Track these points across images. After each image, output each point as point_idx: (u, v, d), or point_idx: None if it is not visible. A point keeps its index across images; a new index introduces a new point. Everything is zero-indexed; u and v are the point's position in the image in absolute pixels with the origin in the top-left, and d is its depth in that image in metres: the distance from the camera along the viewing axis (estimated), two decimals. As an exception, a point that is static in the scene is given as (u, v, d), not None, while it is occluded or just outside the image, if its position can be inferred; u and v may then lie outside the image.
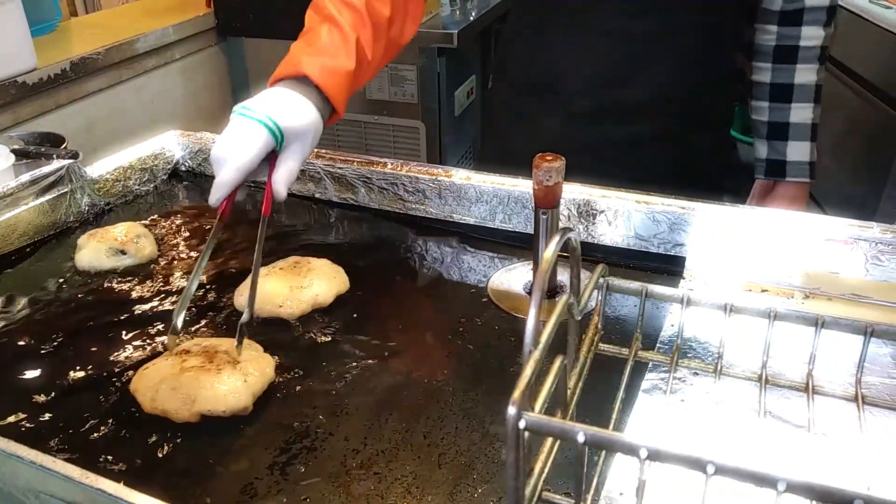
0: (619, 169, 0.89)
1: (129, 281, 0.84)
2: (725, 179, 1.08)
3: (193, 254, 0.89)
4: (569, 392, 0.33)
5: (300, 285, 0.76)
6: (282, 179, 0.72)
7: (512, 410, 0.25)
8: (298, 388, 0.67)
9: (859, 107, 1.82)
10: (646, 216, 0.83)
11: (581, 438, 0.25)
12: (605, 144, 0.96)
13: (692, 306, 0.37)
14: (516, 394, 0.26)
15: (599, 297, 0.39)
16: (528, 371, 0.27)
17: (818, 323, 0.36)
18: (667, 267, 0.83)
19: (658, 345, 0.71)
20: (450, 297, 0.82)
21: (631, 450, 0.24)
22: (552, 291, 0.80)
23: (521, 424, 0.25)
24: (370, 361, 0.71)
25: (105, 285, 0.83)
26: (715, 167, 1.06)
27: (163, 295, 0.81)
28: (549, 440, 0.32)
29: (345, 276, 0.80)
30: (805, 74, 0.94)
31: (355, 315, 0.78)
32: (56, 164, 0.93)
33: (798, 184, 0.98)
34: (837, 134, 1.95)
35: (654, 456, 0.23)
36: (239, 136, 0.70)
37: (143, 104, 1.78)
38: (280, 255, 0.83)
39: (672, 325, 0.74)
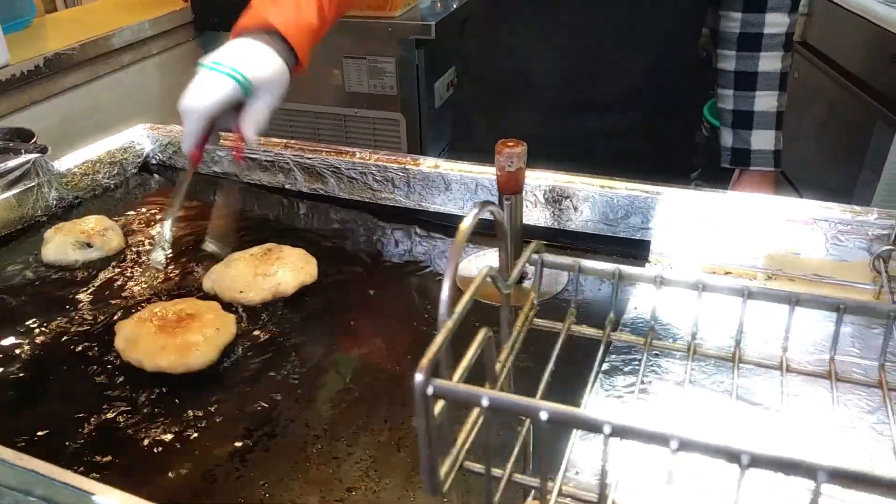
0: (591, 162, 0.89)
1: (94, 271, 0.83)
2: (699, 165, 1.09)
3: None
4: (498, 366, 0.34)
5: (264, 273, 0.76)
6: (249, 123, 0.75)
7: (419, 377, 0.26)
8: (261, 375, 0.67)
9: (837, 94, 1.83)
10: (610, 201, 0.83)
11: (485, 402, 0.25)
12: (575, 138, 0.96)
13: (664, 287, 0.37)
14: (424, 361, 0.26)
15: (535, 273, 0.40)
16: (438, 339, 0.27)
17: (792, 301, 0.36)
18: (633, 251, 0.83)
19: (621, 327, 0.71)
20: (417, 285, 0.82)
21: (530, 412, 0.24)
22: (520, 278, 0.80)
23: (429, 391, 0.26)
24: (334, 349, 0.71)
25: (69, 276, 0.83)
26: (686, 154, 1.07)
27: (129, 281, 0.81)
28: (475, 413, 0.32)
29: (314, 266, 0.80)
30: (769, 62, 0.94)
31: (320, 303, 0.78)
32: (22, 158, 0.92)
33: (763, 172, 0.98)
34: (815, 121, 1.96)
35: (555, 419, 0.24)
36: (204, 86, 0.74)
37: (120, 100, 1.77)
38: (249, 245, 0.83)
39: (635, 308, 0.75)
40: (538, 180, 0.85)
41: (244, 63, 0.74)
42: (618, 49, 0.92)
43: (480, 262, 0.86)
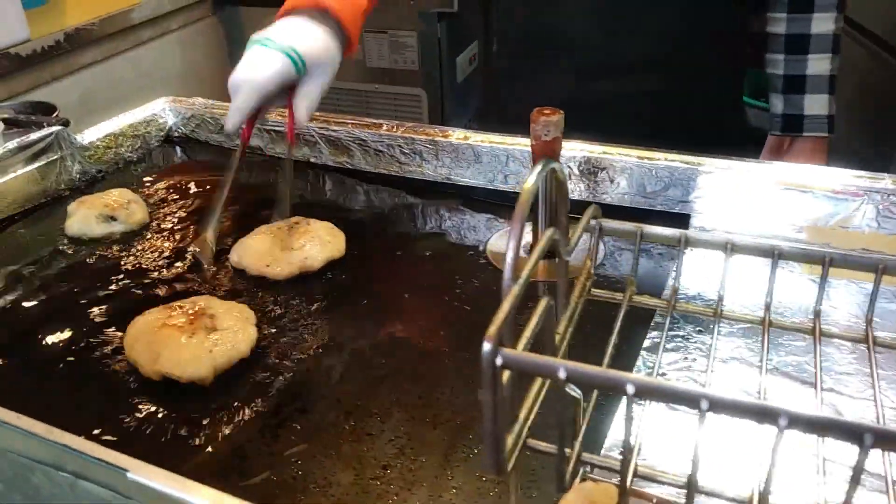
0: (625, 126, 0.86)
1: (119, 246, 0.82)
2: (734, 138, 1.05)
3: (185, 219, 0.87)
4: (557, 337, 0.31)
5: (291, 247, 0.74)
6: (303, 103, 0.73)
7: (487, 346, 0.23)
8: (290, 351, 0.66)
9: (871, 65, 1.76)
10: (648, 172, 0.80)
11: (562, 374, 0.22)
12: (610, 101, 0.94)
13: (691, 248, 0.35)
14: (492, 329, 0.24)
15: (592, 240, 0.37)
16: (505, 306, 0.25)
17: (826, 261, 0.33)
18: (672, 225, 0.80)
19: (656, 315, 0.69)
20: (447, 260, 0.80)
21: (617, 385, 0.22)
22: (553, 252, 0.78)
23: (498, 361, 0.23)
24: (363, 323, 0.69)
25: (95, 251, 0.81)
26: (723, 123, 1.03)
27: (153, 259, 0.79)
28: (535, 386, 0.30)
29: (342, 240, 0.78)
30: (823, 23, 0.90)
31: (348, 278, 0.76)
32: (45, 131, 0.91)
33: (816, 138, 0.94)
34: (848, 93, 1.89)
35: (642, 391, 0.21)
36: (257, 62, 0.72)
37: (140, 76, 1.76)
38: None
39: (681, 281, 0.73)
40: (572, 151, 0.82)
41: (299, 42, 0.73)
42: (653, 9, 0.89)
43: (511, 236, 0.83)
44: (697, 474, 0.24)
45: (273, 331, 0.68)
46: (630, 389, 0.21)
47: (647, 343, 0.61)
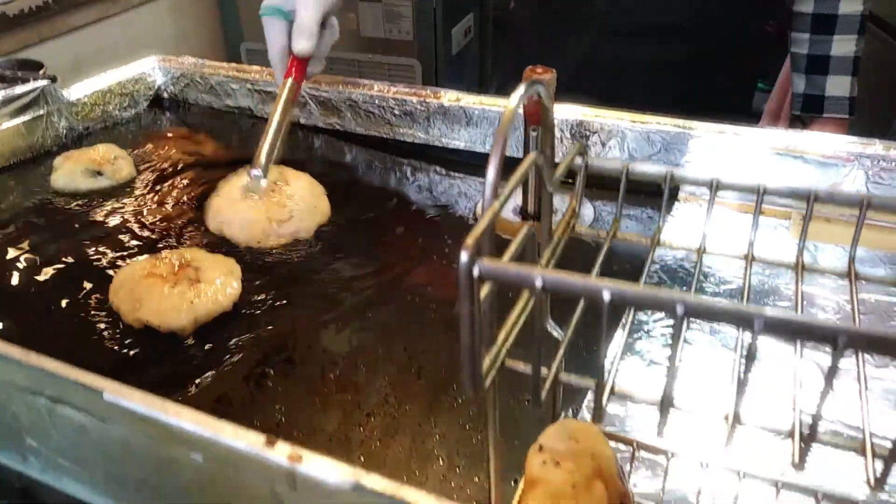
0: (642, 93, 0.85)
1: (104, 201, 0.81)
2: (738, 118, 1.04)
3: (172, 175, 0.86)
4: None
5: (280, 218, 0.73)
6: (296, 37, 0.76)
7: (464, 256, 0.23)
8: (276, 304, 0.65)
9: (874, 46, 1.75)
10: (640, 136, 0.79)
11: (539, 283, 0.22)
12: (625, 67, 0.93)
13: (676, 183, 0.34)
14: (469, 239, 0.24)
15: (579, 177, 0.37)
16: (484, 220, 0.25)
17: (810, 198, 0.33)
18: (663, 189, 0.80)
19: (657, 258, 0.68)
20: (437, 223, 0.79)
21: (593, 293, 0.21)
22: (528, 215, 0.77)
23: (475, 272, 0.23)
24: (349, 281, 0.69)
25: (81, 205, 0.80)
26: (735, 97, 1.02)
27: (139, 213, 0.79)
28: (516, 311, 0.29)
29: (326, 203, 0.78)
30: (851, 4, 0.89)
31: (337, 238, 0.75)
32: (31, 85, 0.90)
33: (836, 120, 0.94)
34: (865, 86, 1.89)
35: (619, 299, 0.21)
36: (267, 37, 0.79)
37: (131, 41, 1.73)
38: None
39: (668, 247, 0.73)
40: (564, 114, 0.81)
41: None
42: None
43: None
44: (673, 389, 0.23)
45: (258, 283, 0.68)
46: (606, 296, 0.21)
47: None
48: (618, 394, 0.25)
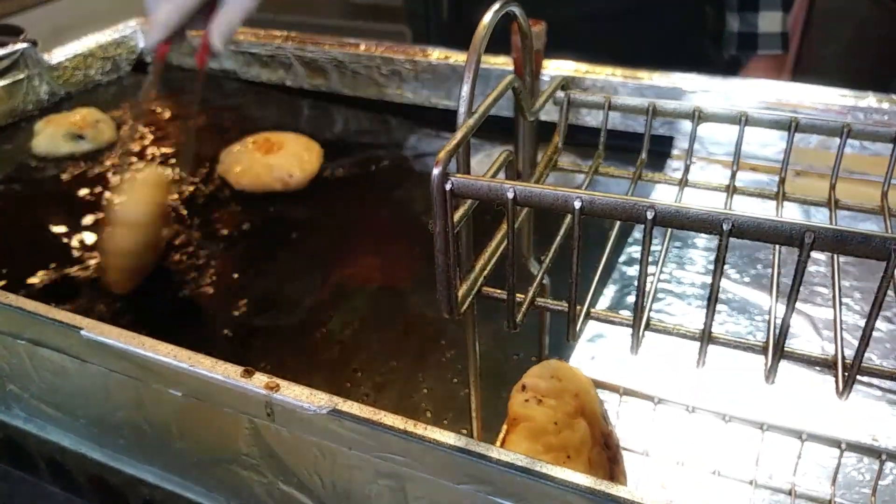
0: (598, 45, 0.84)
1: (86, 164, 0.80)
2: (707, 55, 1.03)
3: (154, 138, 0.85)
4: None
5: (269, 163, 0.73)
6: (218, 28, 0.64)
7: (436, 171, 0.22)
8: (265, 264, 0.65)
9: (867, 13, 1.73)
10: (634, 92, 0.78)
11: (511, 195, 0.22)
12: (583, 19, 0.91)
13: (659, 116, 0.34)
14: (441, 154, 0.23)
15: (561, 112, 0.36)
16: (458, 135, 0.24)
17: (791, 126, 0.32)
18: (656, 148, 0.79)
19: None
20: (426, 183, 0.78)
21: (565, 203, 0.21)
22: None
23: (447, 186, 0.23)
24: (337, 240, 0.68)
25: (62, 168, 0.79)
26: (695, 42, 1.01)
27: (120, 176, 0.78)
28: (496, 240, 0.29)
29: (317, 154, 0.77)
30: None
31: (326, 199, 0.75)
32: (10, 48, 0.88)
33: (772, 57, 0.94)
34: (843, 43, 1.87)
35: (589, 206, 0.21)
36: None
37: (114, 10, 1.70)
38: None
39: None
40: (556, 70, 0.80)
41: None
42: None
43: (491, 160, 0.82)
44: (645, 302, 0.23)
45: (246, 244, 0.67)
46: (577, 204, 0.21)
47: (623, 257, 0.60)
48: (592, 315, 0.25)
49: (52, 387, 0.35)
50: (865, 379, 0.30)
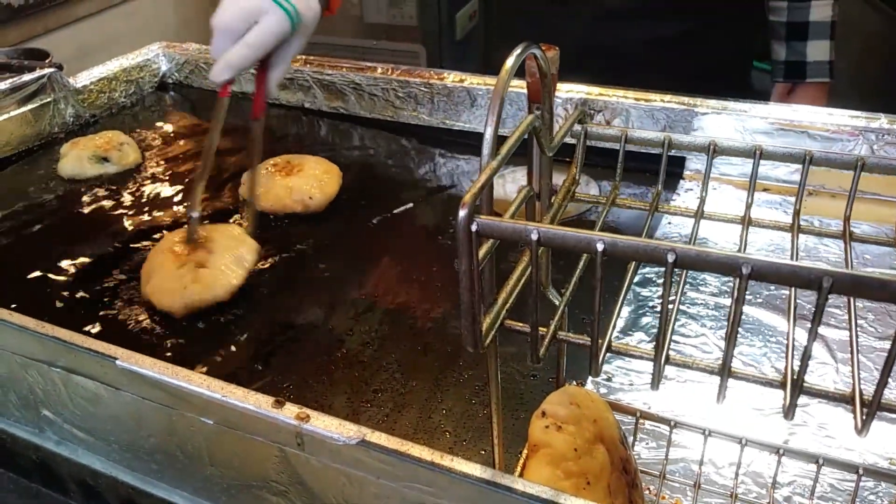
0: (642, 72, 0.85)
1: (111, 186, 0.82)
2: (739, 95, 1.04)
3: (178, 160, 0.87)
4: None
5: (289, 185, 0.74)
6: (279, 75, 0.67)
7: (462, 213, 0.23)
8: (285, 285, 0.66)
9: (877, 27, 1.73)
10: (645, 114, 0.79)
11: (535, 236, 0.23)
12: (628, 45, 0.92)
13: (675, 148, 0.35)
14: (467, 196, 0.24)
15: (579, 144, 0.37)
16: (482, 178, 0.25)
17: (806, 158, 0.33)
18: (668, 168, 0.80)
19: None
20: (442, 203, 0.80)
21: (588, 245, 0.22)
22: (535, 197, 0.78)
23: (473, 227, 0.24)
24: (355, 261, 0.69)
25: (88, 191, 0.81)
26: (735, 75, 1.02)
27: (146, 198, 0.80)
28: (517, 273, 0.30)
29: (336, 178, 0.79)
30: None
31: (344, 221, 0.76)
32: (37, 73, 0.90)
33: (818, 84, 0.95)
34: (854, 56, 1.87)
35: (611, 248, 0.22)
36: (254, 12, 0.62)
37: (136, 29, 1.74)
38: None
39: (669, 223, 0.73)
40: (569, 93, 0.81)
41: None
42: None
43: (506, 180, 0.83)
44: (667, 338, 0.24)
45: (267, 268, 0.68)
46: (600, 247, 0.22)
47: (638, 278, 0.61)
48: (614, 349, 0.26)
49: (85, 412, 0.37)
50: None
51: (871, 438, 0.47)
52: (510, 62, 0.28)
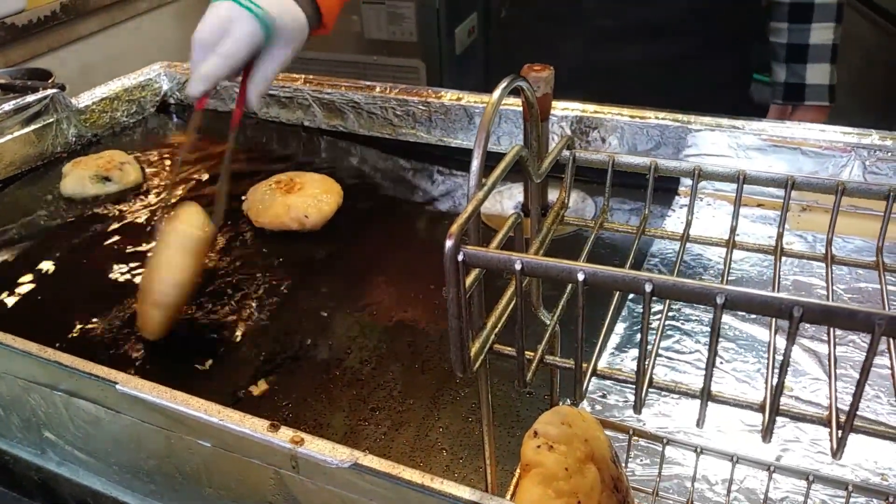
0: (639, 90, 0.86)
1: (113, 205, 0.83)
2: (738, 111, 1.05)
3: (179, 179, 0.88)
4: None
5: (287, 203, 0.75)
6: (258, 86, 0.66)
7: (449, 243, 0.24)
8: (284, 303, 0.67)
9: (876, 41, 1.75)
10: (640, 131, 0.80)
11: (518, 266, 0.23)
12: (626, 66, 0.93)
13: (660, 174, 0.36)
14: (454, 227, 0.25)
15: (568, 169, 0.38)
16: (469, 208, 0.26)
17: (788, 183, 0.34)
18: (663, 184, 0.81)
19: (645, 264, 0.70)
20: (440, 220, 0.81)
21: (569, 274, 0.23)
22: (543, 208, 0.79)
23: (460, 257, 0.24)
24: (354, 279, 0.70)
25: (89, 210, 0.82)
26: (733, 91, 1.03)
27: (147, 217, 0.81)
28: (504, 299, 0.31)
29: (337, 194, 0.80)
30: None
31: (342, 238, 0.77)
32: (40, 94, 0.92)
33: (817, 108, 0.94)
34: (854, 70, 1.88)
35: (591, 278, 0.22)
36: (225, 22, 0.63)
37: (138, 47, 1.76)
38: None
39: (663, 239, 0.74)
40: (565, 111, 0.83)
41: (267, 3, 0.64)
42: None
43: (503, 196, 0.84)
44: (647, 364, 0.25)
45: (265, 286, 0.69)
46: (580, 277, 0.22)
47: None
48: (598, 373, 0.26)
49: (86, 435, 0.37)
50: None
51: (863, 454, 0.48)
52: (496, 95, 0.29)
